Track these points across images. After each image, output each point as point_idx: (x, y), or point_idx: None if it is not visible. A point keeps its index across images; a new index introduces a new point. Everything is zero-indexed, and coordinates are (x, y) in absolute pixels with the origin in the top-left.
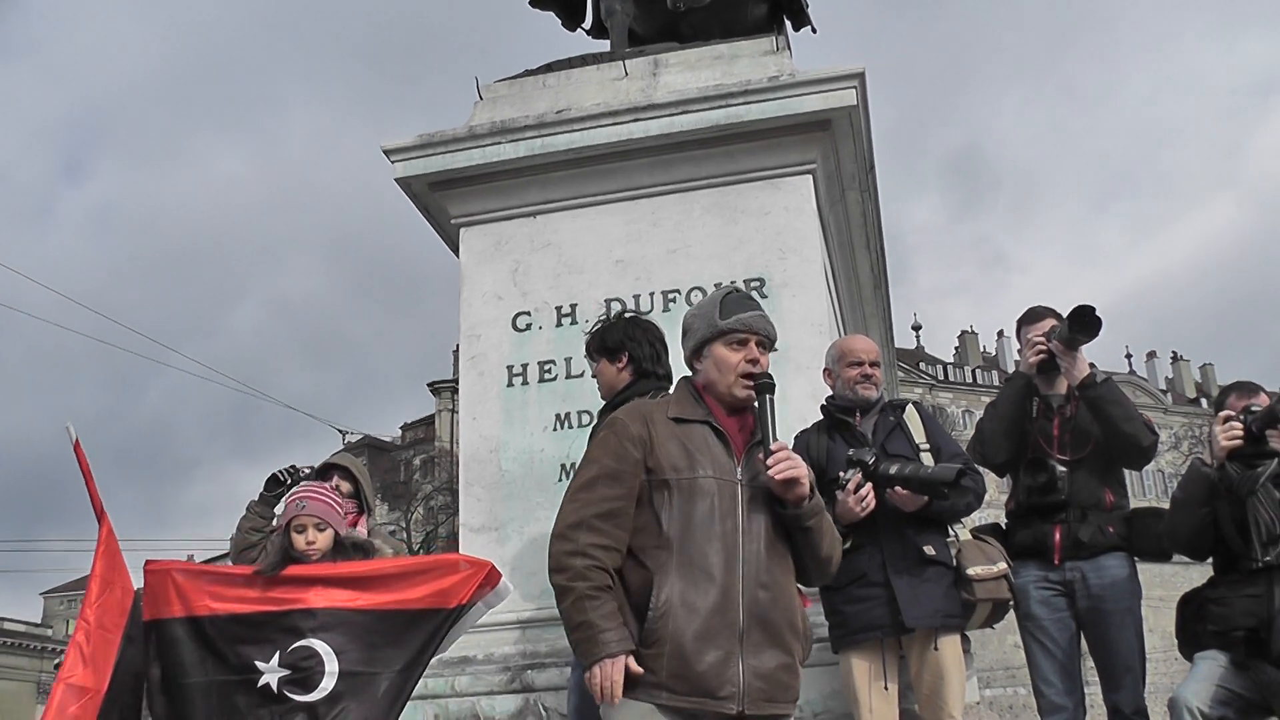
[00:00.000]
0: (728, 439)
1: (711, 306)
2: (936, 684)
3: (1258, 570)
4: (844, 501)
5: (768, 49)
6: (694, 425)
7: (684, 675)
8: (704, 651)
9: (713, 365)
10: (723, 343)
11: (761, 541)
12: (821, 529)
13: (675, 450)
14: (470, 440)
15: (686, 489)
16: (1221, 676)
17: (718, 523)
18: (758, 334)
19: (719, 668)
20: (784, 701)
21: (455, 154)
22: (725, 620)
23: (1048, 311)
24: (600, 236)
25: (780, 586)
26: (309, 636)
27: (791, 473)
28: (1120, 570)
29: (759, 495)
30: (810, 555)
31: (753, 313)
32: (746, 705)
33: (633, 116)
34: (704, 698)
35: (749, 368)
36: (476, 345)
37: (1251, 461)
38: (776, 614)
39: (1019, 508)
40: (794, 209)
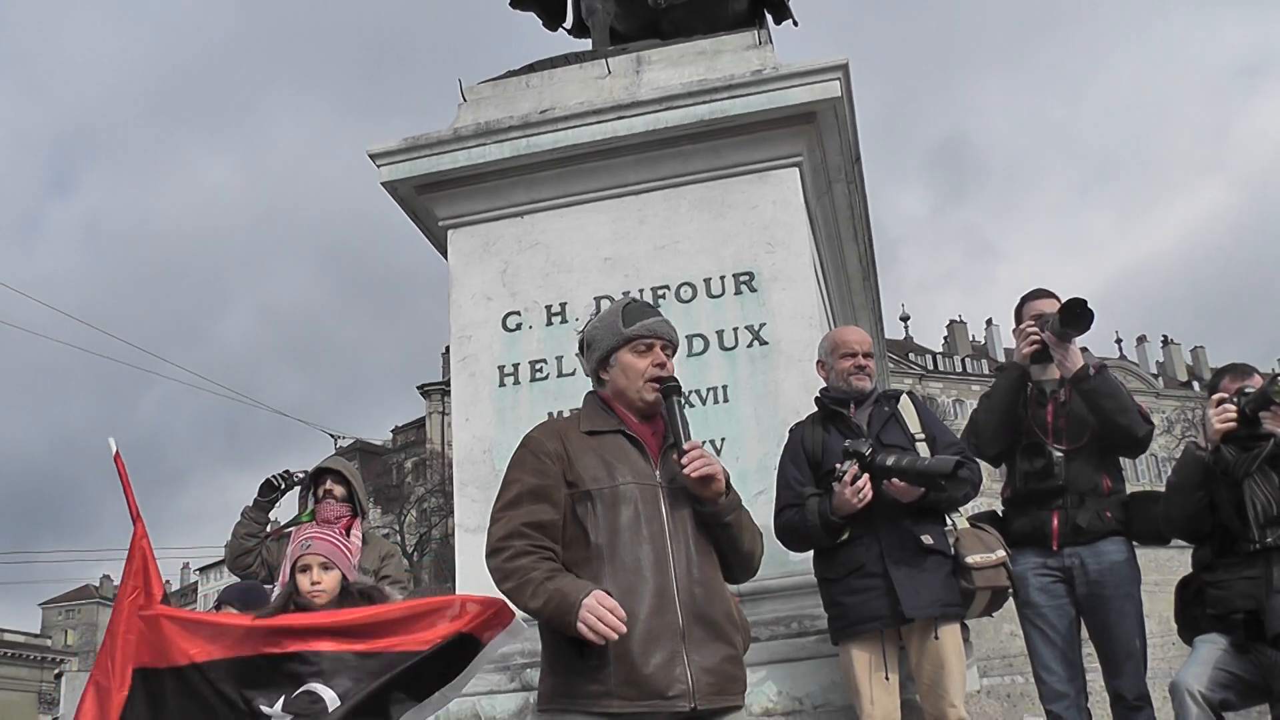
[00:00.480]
0: (642, 444)
1: (614, 316)
2: (937, 673)
3: (1255, 552)
4: (840, 493)
5: (750, 43)
6: (607, 435)
7: (633, 681)
8: (649, 654)
9: (620, 373)
10: (629, 350)
11: (689, 540)
12: (741, 524)
13: (593, 462)
14: (464, 441)
15: (609, 498)
16: (1221, 660)
17: (644, 526)
18: (662, 339)
19: (666, 668)
20: (734, 693)
21: (440, 156)
22: (665, 621)
23: (1048, 294)
24: (588, 235)
25: (712, 582)
26: (311, 681)
27: (707, 469)
28: (1119, 555)
29: (680, 495)
30: (732, 551)
31: (655, 319)
32: (698, 701)
33: (617, 114)
34: (656, 699)
35: (656, 371)
36: (467, 346)
37: (1246, 444)
38: (713, 608)
39: (1015, 495)
40: (781, 202)
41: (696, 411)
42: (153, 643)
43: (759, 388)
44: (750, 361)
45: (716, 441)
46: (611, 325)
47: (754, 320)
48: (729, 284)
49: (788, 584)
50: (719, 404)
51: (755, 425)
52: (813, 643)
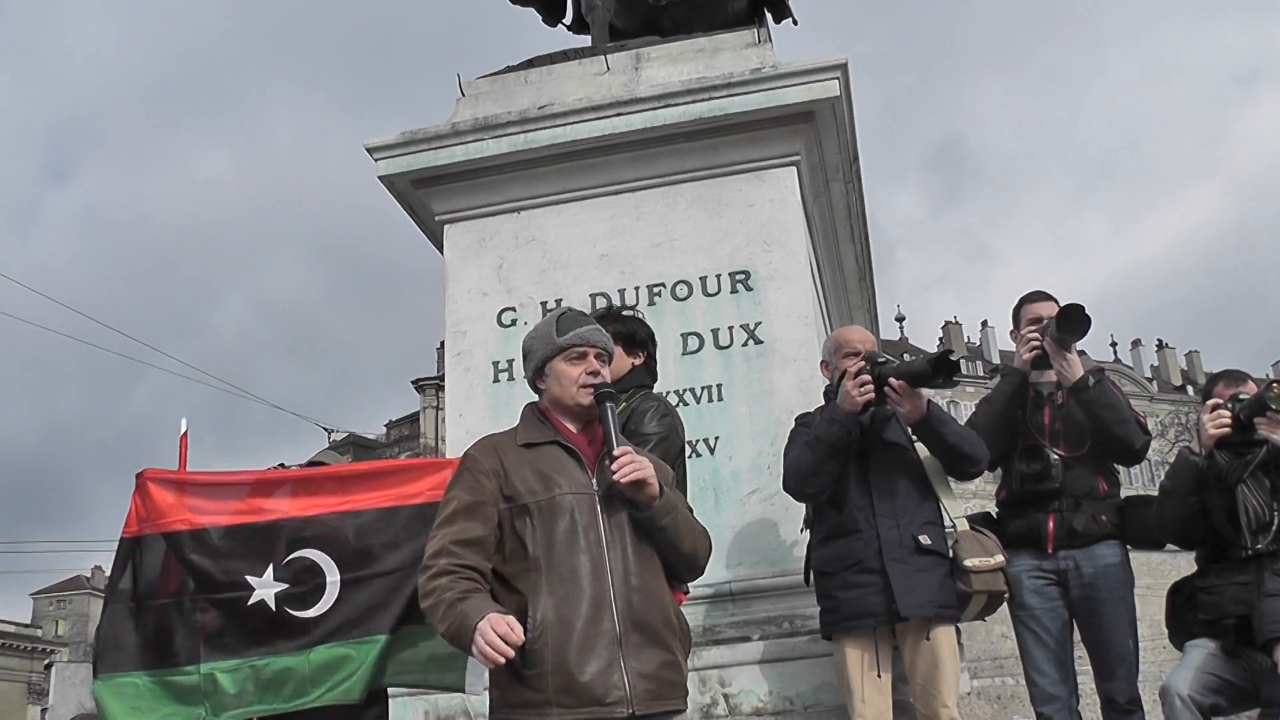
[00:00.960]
0: (578, 454)
1: (548, 326)
2: (930, 674)
3: (1247, 558)
4: (844, 387)
5: (750, 41)
6: (544, 447)
7: (570, 689)
8: (586, 662)
9: (555, 382)
10: (562, 359)
11: (626, 547)
12: (678, 526)
13: (529, 474)
14: (457, 436)
15: (546, 509)
16: (1212, 665)
17: (580, 536)
18: (596, 346)
19: (603, 676)
20: (672, 698)
21: (438, 151)
22: (601, 629)
23: (1046, 296)
24: (584, 231)
25: (651, 588)
26: (301, 548)
27: (636, 475)
28: (1113, 559)
29: (617, 503)
30: (672, 553)
31: (588, 327)
32: (636, 707)
33: (615, 111)
34: (594, 707)
35: (589, 379)
36: (462, 341)
37: (1240, 450)
38: (651, 615)
39: (1011, 497)
40: (778, 201)
41: (690, 410)
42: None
43: (754, 387)
44: (745, 360)
45: (710, 440)
46: (545, 335)
47: (749, 319)
48: (725, 282)
49: (779, 583)
50: (713, 403)
51: (749, 424)
52: (804, 642)
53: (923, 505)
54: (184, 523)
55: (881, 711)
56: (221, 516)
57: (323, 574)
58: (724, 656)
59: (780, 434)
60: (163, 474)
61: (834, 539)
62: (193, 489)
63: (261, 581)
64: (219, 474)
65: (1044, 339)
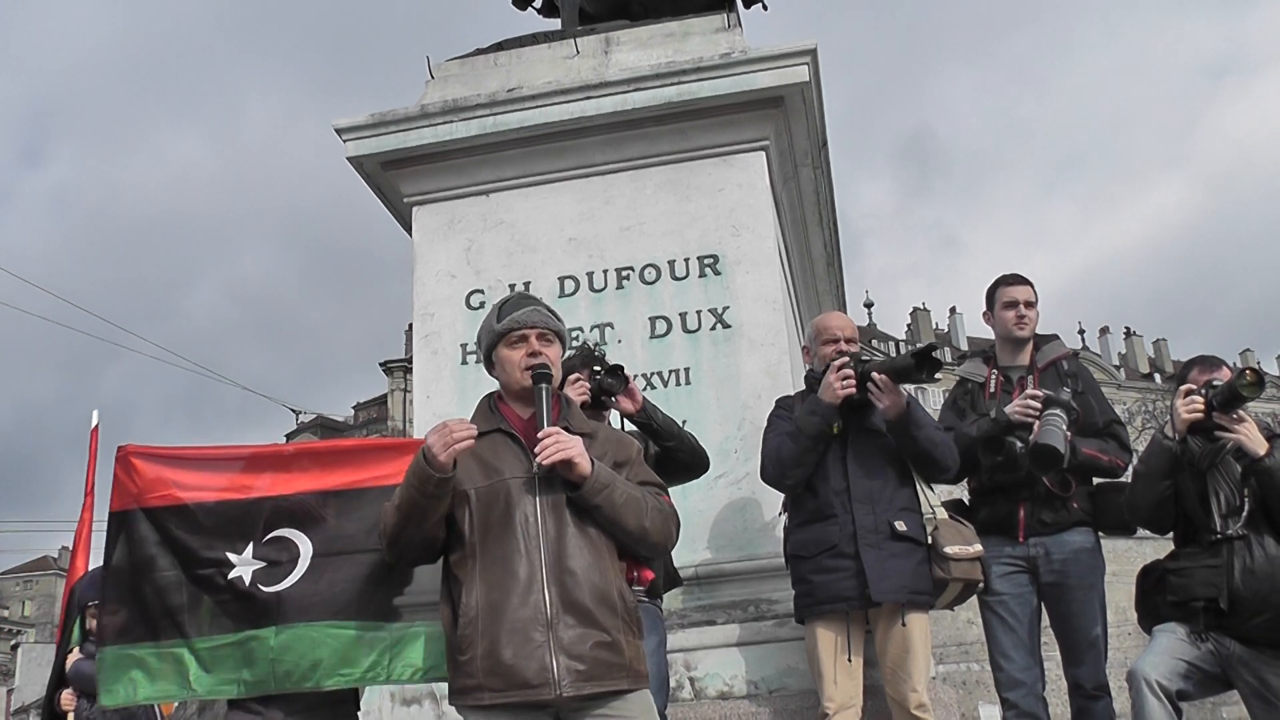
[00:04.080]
0: (520, 439)
1: (491, 315)
2: (901, 659)
3: (1218, 541)
4: (826, 378)
5: (719, 26)
6: (489, 435)
7: (498, 672)
8: (513, 644)
9: (500, 368)
10: (504, 344)
11: (563, 527)
12: (614, 502)
13: (472, 464)
14: (425, 419)
15: (483, 495)
16: (1180, 649)
17: (515, 519)
18: (537, 327)
19: (529, 657)
20: (612, 679)
21: (407, 133)
22: (531, 610)
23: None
24: (553, 215)
25: (587, 568)
26: (281, 526)
27: (559, 455)
28: (1084, 546)
29: (556, 483)
30: (617, 530)
31: (527, 309)
32: (564, 689)
33: (585, 94)
34: (521, 689)
35: (530, 360)
36: (430, 324)
37: (1212, 435)
38: (585, 596)
39: (981, 486)
40: (747, 186)
41: (659, 394)
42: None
43: (721, 371)
44: (713, 344)
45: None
46: (488, 323)
47: (718, 303)
48: (693, 266)
49: (745, 568)
50: (681, 386)
51: (717, 408)
52: (770, 626)
53: (900, 491)
54: (168, 498)
55: (851, 695)
56: (209, 493)
57: (296, 550)
58: (689, 640)
59: (747, 418)
60: (146, 449)
61: (810, 523)
62: (178, 464)
63: (241, 559)
64: (210, 449)
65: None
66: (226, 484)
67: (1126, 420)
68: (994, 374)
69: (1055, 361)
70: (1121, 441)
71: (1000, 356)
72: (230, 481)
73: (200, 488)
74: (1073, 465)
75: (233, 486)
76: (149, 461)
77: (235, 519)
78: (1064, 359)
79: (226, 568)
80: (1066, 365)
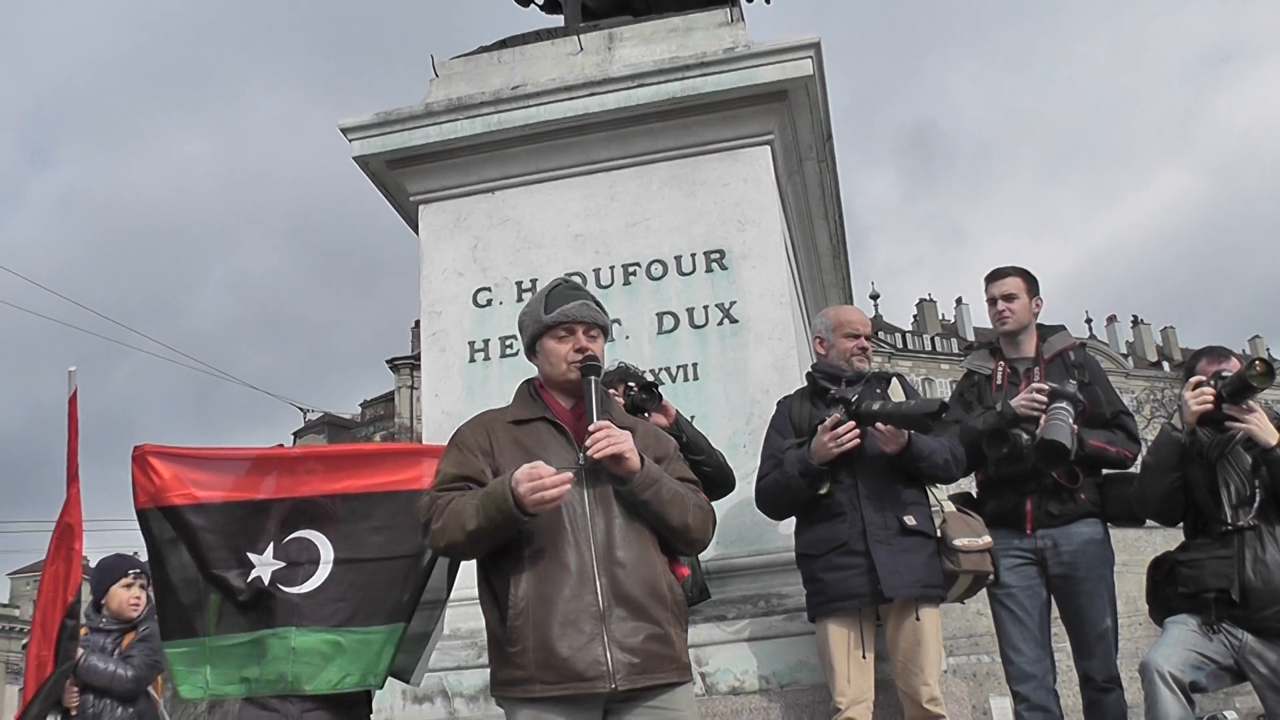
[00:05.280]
0: (566, 430)
1: (538, 303)
2: (913, 652)
3: (1228, 533)
4: (818, 438)
5: (722, 21)
6: (532, 424)
7: (551, 665)
8: (566, 638)
9: (544, 359)
10: (550, 336)
11: (611, 520)
12: (662, 498)
13: (516, 452)
14: (433, 416)
15: None
16: (1192, 641)
17: (564, 510)
18: (583, 323)
19: (584, 651)
20: (663, 671)
21: (412, 131)
22: (583, 603)
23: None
24: (558, 211)
25: (637, 560)
26: (302, 527)
27: (610, 449)
28: (1093, 537)
29: (603, 477)
30: (662, 526)
31: (576, 303)
32: (618, 682)
33: (588, 91)
34: (575, 683)
35: (577, 356)
36: (437, 322)
37: (1222, 426)
38: (636, 588)
39: (988, 479)
40: (752, 180)
41: (666, 389)
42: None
43: (729, 366)
44: (720, 339)
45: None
46: (534, 311)
47: (724, 298)
48: (700, 261)
49: (756, 562)
50: (689, 382)
51: (725, 403)
52: (780, 621)
53: (909, 485)
54: (187, 496)
55: (863, 690)
56: (220, 492)
57: (318, 553)
58: (701, 635)
59: (755, 412)
60: (162, 449)
61: (819, 522)
62: (192, 463)
63: (262, 559)
64: (218, 450)
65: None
66: (234, 484)
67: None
68: (1000, 366)
69: (1062, 352)
70: (1129, 432)
71: (1005, 349)
72: (237, 482)
73: (213, 486)
74: (1080, 457)
75: (240, 487)
76: (166, 461)
77: (244, 519)
78: (1070, 349)
79: (247, 567)
80: (1073, 356)
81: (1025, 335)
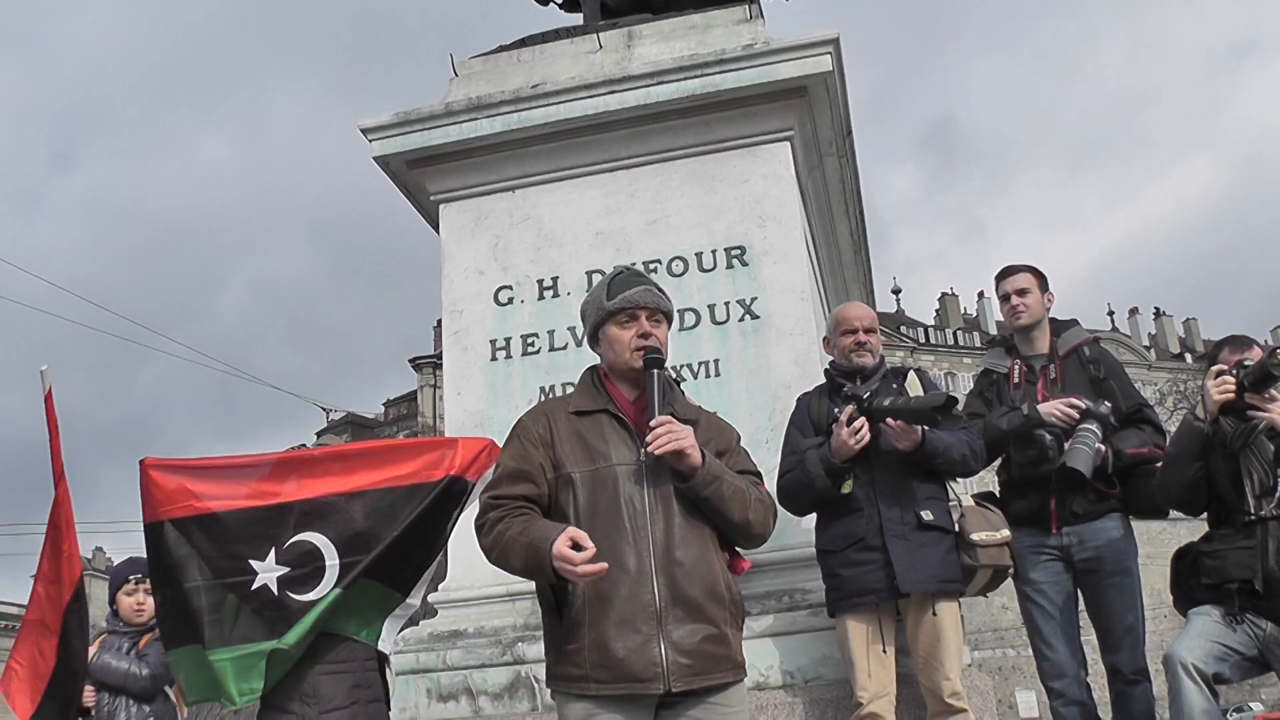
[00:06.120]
0: (628, 423)
1: (600, 290)
2: (933, 647)
3: (1251, 523)
4: (838, 434)
5: (741, 17)
6: (594, 415)
7: (605, 664)
8: (623, 637)
9: (608, 347)
10: (613, 323)
11: (672, 518)
12: (723, 495)
13: (576, 444)
14: (455, 415)
15: (589, 480)
16: (1216, 632)
17: (623, 508)
18: (646, 308)
19: (640, 651)
20: (719, 671)
21: (432, 131)
22: (640, 603)
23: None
24: (579, 209)
25: (695, 560)
26: (303, 531)
27: (671, 445)
28: (1116, 531)
29: (664, 472)
30: (722, 522)
31: (639, 288)
32: (673, 683)
33: (608, 89)
34: (630, 683)
35: (641, 342)
36: (459, 320)
37: (1244, 415)
38: (694, 588)
39: (1012, 479)
40: (773, 176)
41: (688, 386)
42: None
43: (750, 362)
44: (742, 335)
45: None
46: (597, 299)
47: (745, 294)
48: (720, 258)
49: (780, 558)
50: (710, 378)
51: (746, 399)
52: (805, 616)
53: (926, 480)
54: (188, 509)
55: (885, 685)
56: (236, 500)
57: (322, 557)
58: None
59: (777, 408)
60: (164, 461)
61: (837, 518)
62: (198, 474)
63: (264, 566)
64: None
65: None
66: (252, 491)
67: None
68: (1017, 364)
69: (1077, 348)
70: (1156, 425)
71: (1020, 346)
72: (256, 489)
73: (224, 496)
74: (1119, 468)
75: (258, 493)
76: (167, 473)
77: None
78: (1085, 344)
79: (251, 575)
80: (1088, 351)
81: (1039, 331)
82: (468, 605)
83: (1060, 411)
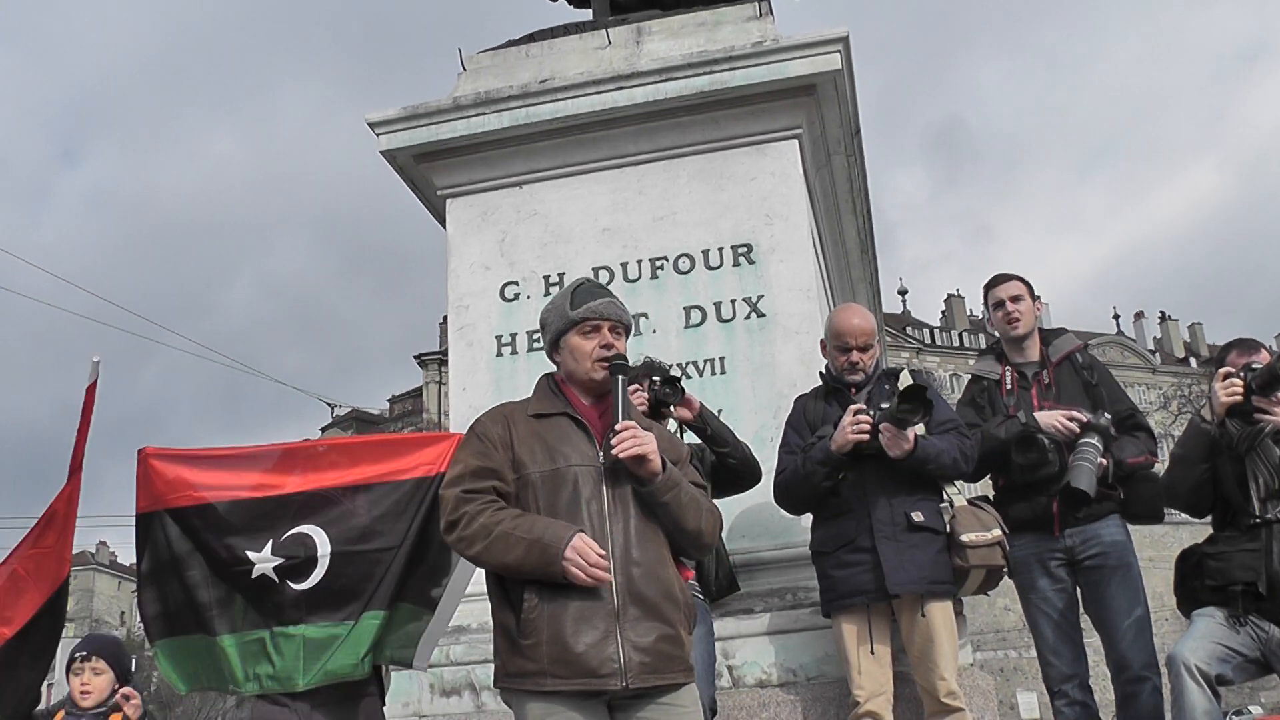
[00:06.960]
0: (587, 426)
1: (564, 299)
2: (926, 647)
3: (1256, 525)
4: (843, 426)
5: (751, 15)
6: (553, 418)
7: (564, 660)
8: (581, 634)
9: (569, 355)
10: (576, 333)
11: (629, 521)
12: (680, 502)
13: (535, 446)
14: (461, 410)
15: (549, 480)
16: (1219, 634)
17: (583, 508)
18: (610, 320)
19: (598, 648)
20: (671, 671)
21: (439, 125)
22: (599, 602)
23: (1016, 278)
24: (586, 205)
25: (653, 562)
26: (300, 522)
27: (635, 450)
28: (1117, 534)
29: (623, 476)
30: (676, 530)
31: (603, 300)
32: (630, 680)
33: (617, 85)
34: (587, 678)
35: (603, 353)
36: (465, 316)
37: (1251, 418)
38: (651, 589)
39: (1010, 484)
40: (780, 174)
41: (694, 383)
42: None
43: (756, 359)
44: (748, 333)
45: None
46: (560, 308)
47: (752, 292)
48: (727, 256)
49: (783, 556)
50: (716, 375)
51: (752, 397)
52: (807, 614)
53: (918, 482)
54: (187, 498)
55: (881, 684)
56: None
57: (314, 546)
58: (727, 628)
59: (783, 406)
60: (164, 451)
61: (829, 519)
62: (199, 464)
63: (260, 556)
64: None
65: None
66: (257, 482)
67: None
68: (1008, 371)
69: (1069, 355)
70: (1147, 430)
71: (1010, 354)
72: (260, 479)
73: (225, 486)
74: (1119, 476)
75: (263, 484)
76: (168, 463)
77: (264, 515)
78: (1077, 351)
79: (248, 565)
80: (1080, 358)
81: (1030, 340)
82: (471, 601)
83: (1061, 424)
